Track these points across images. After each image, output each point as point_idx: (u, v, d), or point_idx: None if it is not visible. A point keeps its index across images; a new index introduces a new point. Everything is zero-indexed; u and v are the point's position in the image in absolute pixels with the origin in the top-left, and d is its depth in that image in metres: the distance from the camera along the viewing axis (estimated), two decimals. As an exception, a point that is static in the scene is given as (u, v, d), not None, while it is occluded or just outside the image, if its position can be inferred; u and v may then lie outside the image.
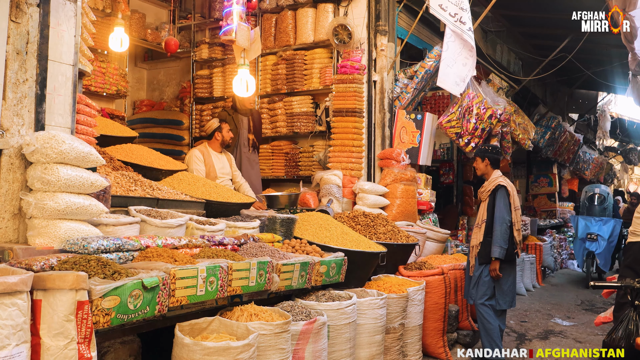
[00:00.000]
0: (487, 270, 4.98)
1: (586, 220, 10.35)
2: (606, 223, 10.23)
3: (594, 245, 10.02)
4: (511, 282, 5.05)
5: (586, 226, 10.24)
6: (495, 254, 4.87)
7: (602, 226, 10.19)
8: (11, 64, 2.87)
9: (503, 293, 4.99)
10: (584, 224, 10.30)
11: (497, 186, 5.04)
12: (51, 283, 2.22)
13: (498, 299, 4.99)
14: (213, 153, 6.17)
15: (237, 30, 5.51)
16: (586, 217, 10.53)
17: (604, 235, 10.04)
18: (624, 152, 19.12)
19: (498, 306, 4.98)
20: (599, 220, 10.27)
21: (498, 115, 7.42)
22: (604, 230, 10.12)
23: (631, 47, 5.75)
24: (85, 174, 2.97)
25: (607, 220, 10.27)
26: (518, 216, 5.04)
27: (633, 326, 2.88)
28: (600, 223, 10.23)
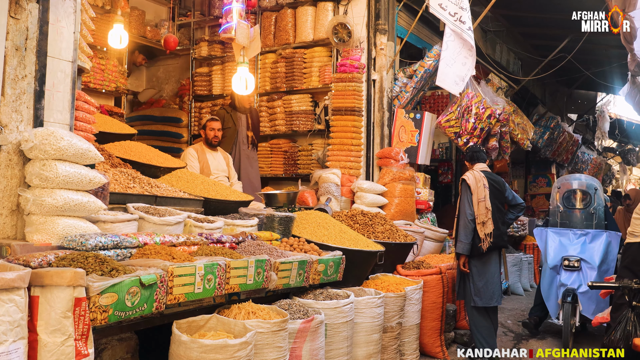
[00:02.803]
0: None
1: (560, 236, 6.15)
2: (595, 238, 6.01)
3: (576, 279, 5.86)
4: (488, 278, 5.01)
5: (561, 245, 6.07)
6: (457, 249, 4.95)
7: (588, 244, 5.98)
8: (10, 60, 2.87)
9: (477, 290, 4.98)
10: (557, 242, 6.11)
11: (461, 180, 5.10)
12: (49, 279, 2.22)
13: (473, 296, 4.99)
14: (207, 151, 6.18)
15: (237, 28, 5.51)
16: (561, 230, 6.23)
17: (592, 259, 5.88)
18: (622, 152, 19.14)
19: (473, 303, 4.99)
20: (582, 235, 6.08)
21: (497, 115, 7.42)
22: (591, 251, 5.94)
23: (630, 48, 5.76)
24: (83, 171, 2.97)
25: (596, 234, 6.04)
26: (481, 209, 4.95)
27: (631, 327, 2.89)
28: (584, 239, 6.05)
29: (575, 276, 5.81)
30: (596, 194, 6.25)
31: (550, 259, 5.99)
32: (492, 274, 5.03)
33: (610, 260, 5.86)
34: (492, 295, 5.01)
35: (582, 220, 6.24)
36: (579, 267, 5.81)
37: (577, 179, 6.57)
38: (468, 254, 4.93)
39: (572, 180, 6.52)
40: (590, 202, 6.24)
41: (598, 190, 6.27)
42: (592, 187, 6.30)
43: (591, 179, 6.53)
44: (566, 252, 5.94)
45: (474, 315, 5.03)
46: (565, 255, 5.92)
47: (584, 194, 6.34)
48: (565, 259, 5.90)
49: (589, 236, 5.98)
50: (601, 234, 5.95)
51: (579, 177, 6.72)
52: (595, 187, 6.29)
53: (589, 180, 6.48)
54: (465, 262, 5.00)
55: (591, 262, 5.77)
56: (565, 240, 6.04)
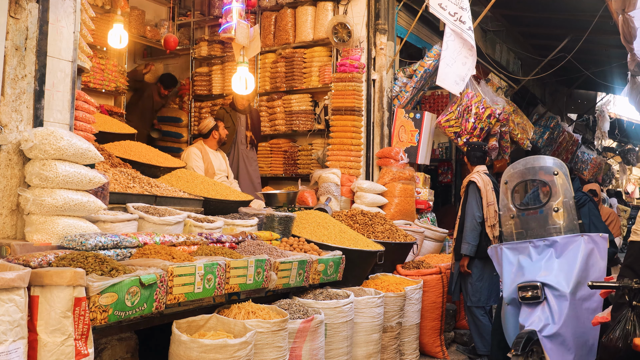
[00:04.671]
0: None
1: (519, 253, 3.98)
2: (565, 249, 3.80)
3: (537, 316, 3.69)
4: (486, 279, 5.05)
5: (519, 268, 3.92)
6: (463, 250, 4.95)
7: (555, 259, 3.80)
8: (10, 59, 2.87)
9: (475, 290, 5.02)
10: (515, 263, 3.98)
11: (469, 182, 5.11)
12: (49, 279, 2.22)
13: (471, 296, 5.03)
14: (210, 151, 6.20)
15: (237, 28, 5.51)
16: (517, 245, 4.00)
17: (560, 282, 3.69)
18: (622, 152, 19.14)
19: (471, 303, 5.02)
20: (546, 246, 3.87)
21: (497, 114, 7.42)
22: (558, 270, 3.75)
23: (630, 47, 5.76)
24: (83, 171, 2.97)
25: (567, 242, 3.82)
26: (491, 212, 5.00)
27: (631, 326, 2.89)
28: (549, 252, 3.85)
29: (537, 312, 3.63)
30: (557, 180, 3.91)
31: (505, 289, 3.90)
32: (490, 275, 5.06)
33: (594, 279, 3.61)
34: (490, 295, 5.06)
35: (542, 223, 3.93)
36: (541, 298, 3.62)
37: (526, 164, 4.14)
38: (473, 255, 4.95)
39: (520, 168, 4.13)
40: (551, 194, 3.90)
41: (560, 174, 3.90)
42: (550, 171, 3.97)
43: (548, 159, 4.08)
44: (524, 277, 3.76)
45: (473, 315, 5.06)
46: (521, 281, 3.74)
47: (541, 184, 4.07)
48: (520, 287, 3.71)
49: (557, 247, 3.74)
50: (574, 241, 3.71)
51: (530, 160, 4.15)
52: (555, 170, 3.93)
53: (545, 161, 4.05)
54: (466, 263, 5.03)
55: (559, 288, 3.57)
56: (525, 258, 3.85)
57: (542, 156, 4.16)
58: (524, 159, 4.16)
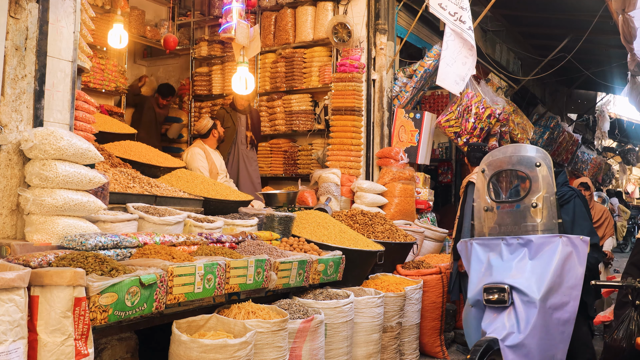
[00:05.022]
0: None
1: (489, 250, 3.53)
2: (540, 250, 3.32)
3: (503, 323, 3.24)
4: None
5: (488, 266, 3.47)
6: None
7: (529, 260, 3.33)
8: (10, 59, 2.87)
9: None
10: (484, 261, 3.53)
11: (468, 182, 5.12)
12: (49, 279, 2.22)
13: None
14: (210, 150, 6.21)
15: (237, 28, 5.51)
16: (488, 241, 3.54)
17: (531, 287, 3.21)
18: (622, 152, 19.15)
19: None
20: (519, 245, 3.40)
21: (497, 114, 7.42)
22: (530, 273, 3.28)
23: (630, 47, 5.76)
24: (83, 171, 2.97)
25: (542, 243, 3.33)
26: None
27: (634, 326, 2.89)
28: (522, 252, 3.39)
29: (502, 318, 3.22)
30: (539, 173, 3.44)
31: (470, 289, 3.48)
32: None
33: (569, 286, 3.20)
34: None
35: (518, 220, 3.50)
36: (508, 302, 3.21)
37: (506, 152, 3.67)
38: None
39: (499, 156, 3.67)
40: (530, 187, 3.46)
41: (543, 166, 3.45)
42: (531, 163, 3.49)
43: (531, 149, 3.60)
44: (490, 278, 3.35)
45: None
46: (487, 282, 3.33)
47: (519, 177, 3.60)
48: (486, 288, 3.30)
49: (531, 247, 3.32)
50: (551, 242, 3.27)
51: (511, 148, 3.71)
52: (537, 162, 3.46)
53: (526, 151, 3.60)
54: None
55: (528, 293, 3.15)
56: (495, 256, 3.44)
57: (525, 145, 3.70)
58: (505, 146, 3.74)
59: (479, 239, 3.57)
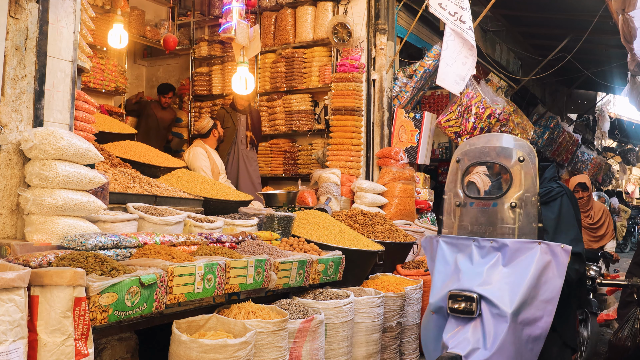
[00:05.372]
0: None
1: (458, 250, 3.08)
2: (515, 257, 2.85)
3: (468, 337, 2.79)
4: None
5: (456, 269, 3.01)
6: None
7: (502, 267, 2.87)
8: (10, 59, 2.87)
9: None
10: (450, 263, 3.08)
11: (467, 182, 5.10)
12: (48, 279, 2.22)
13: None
14: (211, 150, 6.22)
15: (237, 28, 5.51)
16: (458, 240, 3.08)
17: (502, 298, 2.75)
18: (622, 152, 19.15)
19: None
20: (493, 249, 2.93)
21: (497, 114, 7.42)
22: (503, 282, 2.82)
23: (630, 47, 5.76)
24: (83, 171, 2.97)
25: (518, 249, 2.85)
26: None
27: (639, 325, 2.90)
28: (496, 257, 2.91)
29: (467, 331, 2.81)
30: (522, 169, 3.02)
31: (433, 293, 3.06)
32: None
33: (544, 300, 2.77)
34: None
35: (493, 220, 3.08)
36: (475, 314, 2.80)
37: (487, 141, 3.25)
38: None
39: (479, 145, 3.26)
40: (510, 184, 3.03)
41: (526, 161, 3.01)
42: (512, 157, 3.06)
43: (515, 141, 3.16)
44: (457, 283, 2.93)
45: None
46: (453, 288, 2.90)
47: (499, 170, 3.17)
48: (452, 295, 2.88)
49: (506, 252, 2.88)
50: (528, 248, 2.83)
51: (492, 137, 3.28)
52: (520, 155, 3.03)
53: (509, 142, 3.15)
54: None
55: (499, 305, 2.73)
56: (464, 259, 3.02)
57: (508, 136, 3.21)
58: (486, 135, 3.34)
59: (447, 236, 3.13)
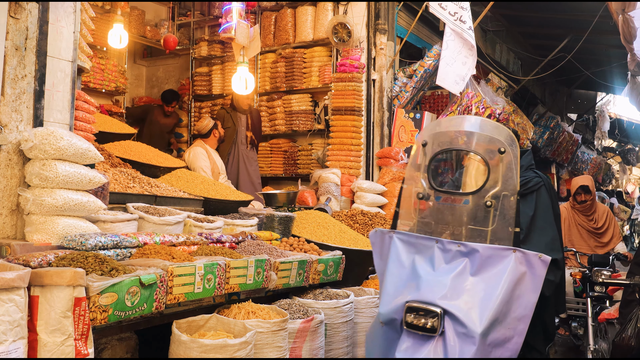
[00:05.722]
0: None
1: (416, 251, 2.53)
2: (486, 266, 2.37)
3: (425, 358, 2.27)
4: None
5: (413, 273, 2.47)
6: None
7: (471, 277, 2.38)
8: (10, 59, 2.87)
9: None
10: (406, 266, 2.52)
11: None
12: (48, 279, 2.22)
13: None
14: (211, 150, 6.23)
15: (237, 28, 5.51)
16: (417, 239, 2.54)
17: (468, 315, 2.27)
18: (622, 152, 19.13)
19: None
20: (460, 254, 2.42)
21: (497, 114, 7.42)
22: (471, 296, 2.33)
23: (630, 47, 5.75)
24: (83, 171, 2.97)
25: (490, 257, 2.36)
26: None
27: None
28: (463, 263, 2.40)
29: (426, 352, 2.34)
30: (502, 161, 2.53)
31: (384, 300, 2.52)
32: None
33: (516, 317, 2.34)
34: None
35: (462, 219, 2.58)
36: (437, 332, 2.31)
37: (460, 124, 2.77)
38: None
39: (451, 128, 2.73)
40: (487, 179, 2.52)
41: (507, 153, 2.52)
42: (492, 146, 2.56)
43: (497, 128, 2.64)
44: (416, 293, 2.41)
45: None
46: (412, 299, 2.39)
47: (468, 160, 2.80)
48: (410, 307, 2.37)
49: (475, 258, 2.41)
50: (502, 256, 2.38)
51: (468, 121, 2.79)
52: (502, 146, 2.52)
53: (488, 129, 2.63)
54: None
55: (467, 324, 2.28)
56: (425, 262, 2.50)
57: (487, 120, 2.70)
58: (461, 116, 2.90)
59: (403, 233, 2.57)
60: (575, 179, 6.22)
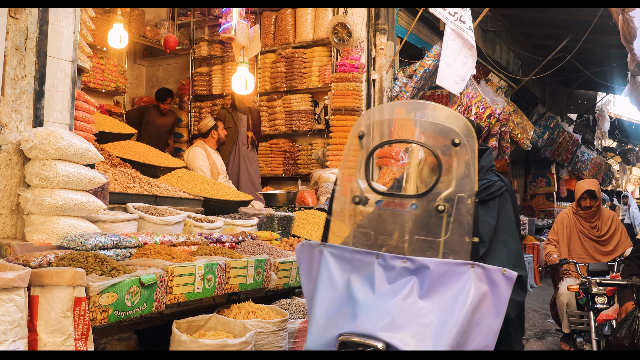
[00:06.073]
0: None
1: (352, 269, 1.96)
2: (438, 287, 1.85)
3: None
4: None
5: (349, 298, 1.89)
6: None
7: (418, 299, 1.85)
8: (10, 59, 2.87)
9: None
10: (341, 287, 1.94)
11: None
12: (49, 279, 2.22)
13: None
14: (211, 150, 6.22)
15: (237, 28, 5.51)
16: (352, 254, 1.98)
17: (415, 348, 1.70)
18: (622, 152, 19.13)
19: None
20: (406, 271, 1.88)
21: (497, 114, 7.42)
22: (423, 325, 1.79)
23: (630, 47, 5.76)
24: (83, 171, 2.97)
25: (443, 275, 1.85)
26: None
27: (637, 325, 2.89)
28: (409, 284, 1.86)
29: None
30: (457, 156, 2.04)
31: (312, 329, 1.94)
32: None
33: (475, 347, 1.84)
34: None
35: (408, 228, 2.08)
36: None
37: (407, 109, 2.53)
38: None
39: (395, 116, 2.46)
40: (439, 176, 2.03)
41: (463, 146, 2.03)
42: (441, 134, 2.22)
43: (452, 116, 2.20)
44: (352, 323, 1.83)
45: None
46: (347, 330, 1.82)
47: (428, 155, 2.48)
48: (343, 342, 1.80)
49: (425, 277, 1.89)
50: (458, 273, 1.87)
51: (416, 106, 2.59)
52: (456, 138, 2.05)
53: (440, 116, 2.29)
54: None
55: None
56: (363, 283, 1.94)
57: (439, 106, 2.22)
58: (408, 101, 1.80)
59: (335, 247, 2.04)
60: (581, 183, 5.43)
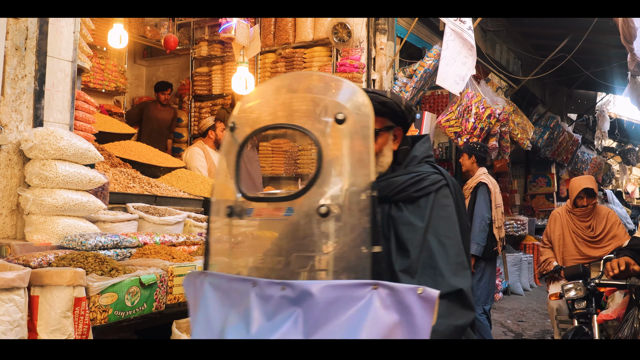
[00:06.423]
0: None
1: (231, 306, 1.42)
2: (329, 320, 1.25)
3: None
4: (486, 279, 5.08)
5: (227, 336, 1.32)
6: (473, 250, 4.96)
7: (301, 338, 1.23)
8: (10, 59, 2.87)
9: (475, 290, 5.04)
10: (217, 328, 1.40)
11: (479, 183, 5.15)
12: (48, 279, 2.22)
13: None
14: (210, 150, 6.22)
15: (237, 28, 5.52)
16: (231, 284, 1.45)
17: None
18: (622, 152, 19.14)
19: None
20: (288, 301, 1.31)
21: (497, 114, 7.42)
22: None
23: (630, 47, 5.76)
24: (83, 171, 2.97)
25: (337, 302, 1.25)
26: (499, 214, 5.09)
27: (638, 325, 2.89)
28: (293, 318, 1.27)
29: None
30: (340, 137, 1.44)
31: None
32: (490, 276, 5.10)
33: None
34: (489, 296, 5.11)
35: (288, 242, 1.52)
36: None
37: (277, 88, 1.64)
38: (481, 255, 4.98)
39: (266, 95, 1.67)
40: (319, 170, 1.41)
41: (350, 122, 1.43)
42: (319, 110, 1.50)
43: (327, 82, 1.55)
44: None
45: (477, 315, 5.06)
46: None
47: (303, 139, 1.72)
48: None
49: (310, 307, 1.28)
50: (354, 300, 1.27)
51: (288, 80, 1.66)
52: (340, 112, 1.41)
53: (316, 85, 1.56)
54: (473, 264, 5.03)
55: None
56: (238, 320, 1.40)
57: (321, 74, 1.68)
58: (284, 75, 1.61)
59: (215, 275, 1.54)
60: (577, 180, 5.04)
